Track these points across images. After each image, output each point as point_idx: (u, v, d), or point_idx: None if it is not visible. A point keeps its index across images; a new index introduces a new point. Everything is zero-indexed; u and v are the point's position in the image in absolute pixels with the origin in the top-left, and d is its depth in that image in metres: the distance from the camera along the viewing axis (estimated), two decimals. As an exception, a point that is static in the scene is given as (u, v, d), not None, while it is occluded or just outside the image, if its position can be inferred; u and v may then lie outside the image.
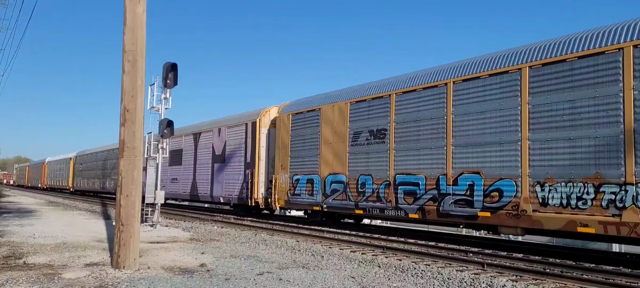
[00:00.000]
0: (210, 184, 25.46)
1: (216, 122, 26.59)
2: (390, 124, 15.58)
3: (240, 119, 23.80)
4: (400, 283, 8.53)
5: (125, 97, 9.08)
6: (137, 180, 9.04)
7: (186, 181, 28.44)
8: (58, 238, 13.08)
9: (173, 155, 29.51)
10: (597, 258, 11.33)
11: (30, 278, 7.96)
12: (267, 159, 21.90)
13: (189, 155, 28.47)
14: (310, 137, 18.86)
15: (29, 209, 25.67)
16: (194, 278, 8.34)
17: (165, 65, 17.36)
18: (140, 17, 9.21)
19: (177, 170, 29.66)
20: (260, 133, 21.99)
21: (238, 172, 23.09)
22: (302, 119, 19.50)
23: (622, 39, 10.57)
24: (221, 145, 24.82)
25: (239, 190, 22.85)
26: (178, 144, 29.63)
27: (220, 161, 24.77)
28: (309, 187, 18.57)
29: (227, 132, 24.48)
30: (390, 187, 15.25)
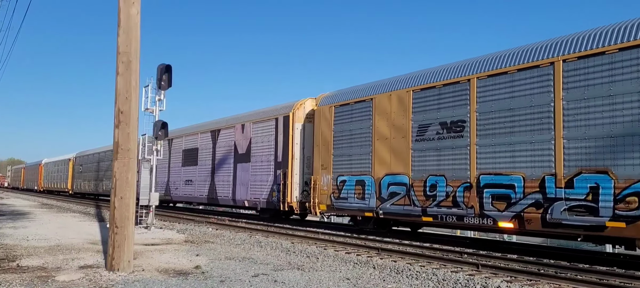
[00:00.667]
0: (232, 186, 23.37)
1: (239, 117, 24.26)
2: (471, 115, 13.15)
3: (269, 113, 21.55)
4: (395, 285, 8.54)
5: (119, 99, 9.05)
6: (131, 182, 9.01)
7: (203, 183, 26.13)
8: (52, 241, 13.01)
9: (187, 155, 27.84)
10: (591, 259, 11.39)
11: (24, 280, 7.91)
12: (301, 158, 19.72)
13: (206, 155, 26.15)
14: (360, 132, 16.58)
15: (22, 211, 25.52)
16: (188, 280, 8.32)
17: (159, 67, 17.30)
18: (134, 19, 9.18)
19: (192, 171, 27.39)
20: (293, 129, 19.78)
21: (267, 172, 21.04)
22: (349, 112, 17.17)
23: None
24: (245, 143, 22.75)
25: (268, 193, 20.83)
26: (193, 142, 27.57)
27: (244, 160, 22.71)
28: (359, 190, 16.29)
29: (253, 128, 22.31)
30: (471, 190, 12.83)
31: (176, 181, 29.03)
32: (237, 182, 22.97)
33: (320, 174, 18.09)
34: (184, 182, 27.88)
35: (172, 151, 29.71)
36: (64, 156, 56.54)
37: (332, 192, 17.41)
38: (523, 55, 12.30)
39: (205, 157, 26.12)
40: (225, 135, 24.53)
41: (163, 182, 30.30)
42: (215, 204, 26.97)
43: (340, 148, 17.34)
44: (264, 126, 21.65)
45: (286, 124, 20.14)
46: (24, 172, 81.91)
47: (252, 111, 23.60)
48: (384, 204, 15.39)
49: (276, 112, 21.10)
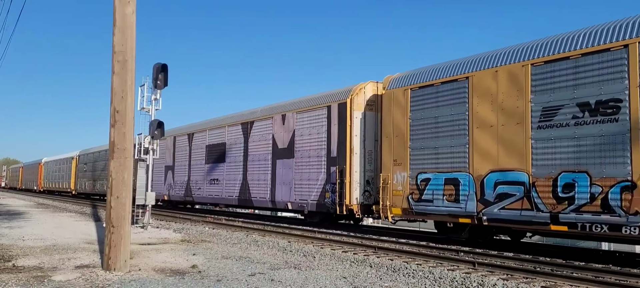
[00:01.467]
0: (270, 186, 20.65)
1: (278, 106, 21.38)
2: (631, 91, 10.23)
3: (320, 101, 18.86)
4: (392, 283, 8.55)
5: (115, 98, 9.04)
6: (127, 182, 9.00)
7: (232, 182, 23.34)
8: (48, 241, 12.99)
9: (212, 151, 25.15)
10: (586, 257, 11.43)
11: (20, 280, 7.89)
12: (362, 153, 17.06)
13: (236, 150, 23.37)
14: (450, 118, 13.63)
15: (18, 211, 25.45)
16: (185, 279, 8.32)
17: (155, 66, 17.30)
18: (129, 18, 9.17)
19: (219, 169, 24.49)
20: (351, 118, 17.16)
21: (316, 170, 18.32)
22: (433, 94, 14.16)
23: None
24: (287, 136, 20.01)
25: (319, 193, 18.07)
26: (219, 136, 24.82)
27: (285, 156, 19.98)
28: (451, 190, 13.35)
29: (298, 118, 19.55)
30: (635, 190, 10.00)
31: (198, 180, 26.46)
32: (278, 182, 20.23)
33: (391, 171, 15.10)
34: (208, 182, 25.22)
35: (193, 147, 27.38)
36: (67, 154, 53.59)
37: (409, 193, 14.49)
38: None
39: (235, 153, 23.45)
40: (260, 127, 21.84)
41: (182, 182, 28.30)
42: (248, 206, 24.11)
43: (421, 140, 14.36)
44: (312, 116, 18.90)
45: (342, 112, 17.42)
46: (22, 171, 78.82)
47: (295, 99, 20.80)
48: (489, 208, 12.45)
49: (329, 99, 18.35)
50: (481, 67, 13.17)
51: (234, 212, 30.16)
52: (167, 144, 30.26)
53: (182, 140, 28.88)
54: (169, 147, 30.10)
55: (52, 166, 58.57)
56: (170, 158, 29.95)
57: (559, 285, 8.56)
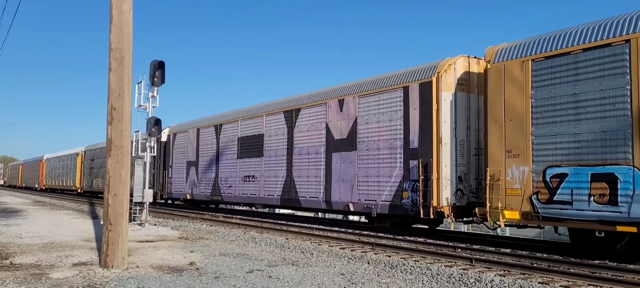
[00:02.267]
0: (324, 184, 17.76)
1: (333, 90, 18.40)
2: None
3: (392, 81, 15.75)
4: (389, 280, 8.58)
5: (112, 96, 9.03)
6: (124, 179, 9.00)
7: (273, 180, 20.39)
8: (45, 238, 12.98)
9: (246, 144, 22.23)
10: (583, 253, 11.48)
11: (18, 278, 7.89)
12: (453, 143, 14.08)
13: (277, 142, 20.42)
14: (599, 96, 10.55)
15: (15, 209, 25.42)
16: (183, 276, 8.32)
17: (152, 63, 17.27)
18: (126, 15, 9.15)
19: (255, 165, 21.63)
20: (438, 100, 14.15)
21: (389, 164, 15.35)
22: (569, 66, 11.11)
23: None
24: (346, 125, 16.99)
25: (393, 192, 15.08)
26: (255, 126, 21.92)
27: (345, 148, 16.98)
28: (602, 189, 10.32)
29: (361, 103, 16.56)
30: None
31: (229, 177, 23.50)
32: (334, 179, 17.26)
33: (503, 165, 12.24)
34: (241, 179, 22.23)
35: (222, 140, 24.42)
36: (71, 150, 50.36)
37: (533, 193, 11.51)
38: None
39: (275, 146, 20.47)
40: (309, 115, 18.88)
41: (209, 179, 25.30)
42: (293, 207, 20.86)
43: (551, 124, 11.36)
44: (381, 100, 15.88)
45: (426, 93, 14.37)
46: (22, 168, 75.23)
47: (355, 82, 17.76)
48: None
49: (405, 79, 15.28)
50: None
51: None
52: (189, 137, 27.52)
53: (207, 133, 25.93)
54: (191, 140, 27.35)
55: (54, 163, 55.39)
56: (193, 153, 26.99)
57: (555, 281, 8.60)
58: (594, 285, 8.27)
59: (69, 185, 49.20)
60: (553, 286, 8.10)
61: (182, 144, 28.47)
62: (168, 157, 29.79)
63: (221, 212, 25.64)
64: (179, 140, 28.78)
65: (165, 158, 30.13)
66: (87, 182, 43.87)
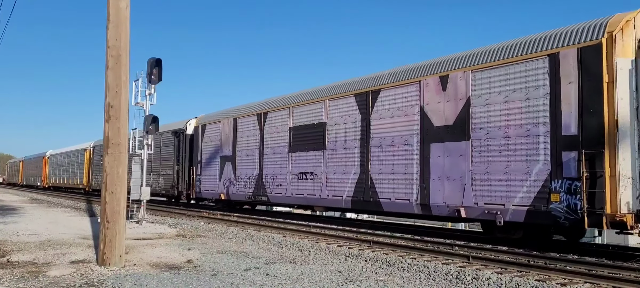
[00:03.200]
0: (418, 183, 14.28)
1: (430, 65, 14.72)
2: None
3: (529, 47, 12.19)
4: (386, 277, 8.59)
5: (109, 93, 9.01)
6: (122, 177, 8.99)
7: (340, 178, 16.85)
8: (42, 236, 12.95)
9: (301, 134, 18.74)
10: (580, 250, 11.51)
11: (15, 276, 7.88)
12: (635, 128, 10.44)
13: (346, 132, 16.85)
14: None
15: (12, 207, 25.36)
16: (180, 274, 8.32)
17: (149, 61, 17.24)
18: (123, 12, 9.13)
19: (314, 159, 18.04)
20: (612, 70, 10.62)
21: (523, 157, 11.99)
22: None
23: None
24: (453, 107, 13.59)
25: (532, 194, 11.70)
26: (313, 114, 18.35)
27: (450, 137, 13.58)
28: None
29: (476, 79, 13.16)
30: None
31: (277, 175, 19.96)
32: (433, 176, 13.93)
33: None
34: (294, 176, 18.84)
35: (267, 130, 20.84)
36: (78, 145, 46.53)
37: None
38: None
39: (343, 136, 16.95)
40: (393, 98, 15.47)
41: (250, 177, 21.57)
42: (370, 211, 17.30)
43: None
44: (510, 73, 12.45)
45: (590, 61, 10.91)
46: (22, 166, 71.05)
47: (466, 52, 14.06)
48: None
49: (553, 43, 11.78)
50: None
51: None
52: (224, 128, 23.66)
53: (247, 123, 22.21)
54: (226, 132, 23.57)
55: (59, 159, 51.44)
56: (228, 147, 23.25)
57: (552, 278, 8.62)
58: (590, 283, 8.30)
59: (74, 183, 45.97)
60: (550, 284, 8.12)
61: (214, 137, 24.61)
62: (196, 151, 25.86)
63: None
64: (210, 132, 24.95)
65: (193, 154, 26.29)
66: (96, 179, 40.21)
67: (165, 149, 29.23)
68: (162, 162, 29.53)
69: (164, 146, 29.32)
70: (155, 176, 29.79)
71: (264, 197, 20.72)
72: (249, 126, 22.15)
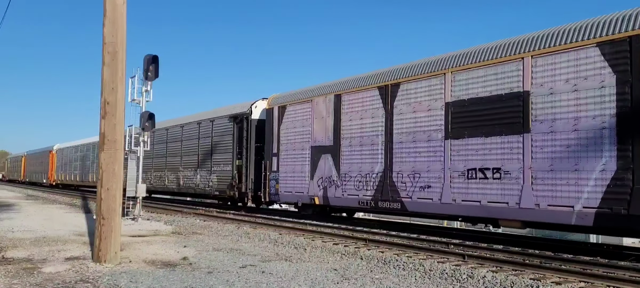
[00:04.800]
0: None
1: None
2: None
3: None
4: (382, 275, 8.60)
5: (106, 90, 8.99)
6: (118, 174, 8.97)
7: (564, 177, 10.97)
8: (37, 232, 12.92)
9: (467, 112, 13.22)
10: (575, 249, 11.55)
11: (9, 272, 7.86)
12: None
13: (577, 104, 10.98)
14: None
15: (7, 203, 25.28)
16: (176, 271, 8.31)
17: (146, 58, 17.16)
18: (120, 8, 9.10)
19: (501, 148, 12.28)
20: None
21: None
22: None
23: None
24: None
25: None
26: (495, 80, 12.60)
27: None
28: None
29: None
30: None
31: (422, 172, 14.20)
32: None
33: None
34: (458, 174, 13.21)
35: (399, 110, 15.05)
36: (91, 139, 40.56)
37: None
38: None
39: (567, 110, 11.17)
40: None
41: (367, 174, 15.91)
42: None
43: None
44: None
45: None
46: (25, 161, 65.41)
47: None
48: None
49: None
50: None
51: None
52: (317, 109, 17.93)
53: (361, 100, 16.36)
54: (321, 114, 17.79)
55: (69, 154, 45.67)
56: (326, 134, 17.50)
57: (547, 277, 8.65)
58: (585, 282, 8.33)
59: (89, 180, 39.96)
60: (545, 282, 8.14)
61: (299, 121, 18.87)
62: (270, 141, 20.18)
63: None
64: (293, 115, 19.20)
65: (266, 144, 20.53)
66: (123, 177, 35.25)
67: (219, 139, 23.41)
68: (213, 155, 23.63)
69: (217, 135, 23.60)
70: (204, 173, 24.32)
71: (395, 204, 15.00)
72: (364, 104, 16.24)
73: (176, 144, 27.59)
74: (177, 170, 26.99)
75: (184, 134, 26.80)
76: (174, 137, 27.94)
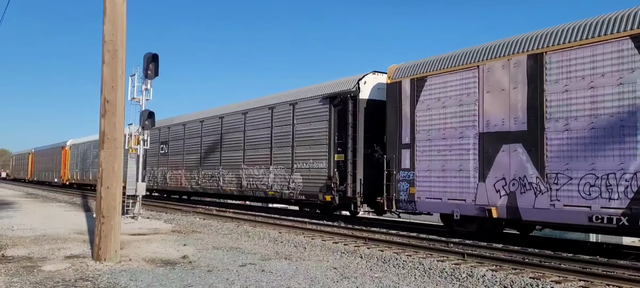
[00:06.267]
0: None
1: None
2: None
3: None
4: (382, 274, 8.61)
5: (105, 88, 8.99)
6: (117, 172, 8.97)
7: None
8: (37, 231, 12.92)
9: None
10: (574, 248, 11.55)
11: (10, 270, 7.86)
12: None
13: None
14: None
15: (7, 201, 25.29)
16: (176, 270, 8.32)
17: (146, 56, 17.18)
18: (120, 7, 9.10)
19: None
20: None
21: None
22: None
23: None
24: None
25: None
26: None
27: None
28: None
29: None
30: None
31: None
32: None
33: None
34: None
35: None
36: None
37: None
38: None
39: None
40: None
41: (624, 172, 10.08)
42: None
43: None
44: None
45: None
46: (32, 158, 61.31)
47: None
48: None
49: None
50: None
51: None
52: (490, 76, 12.69)
53: (591, 58, 10.87)
54: (500, 84, 12.46)
55: (86, 150, 41.40)
56: (506, 114, 12.27)
57: (547, 276, 8.66)
58: (585, 281, 8.34)
59: None
60: (544, 281, 8.15)
61: (451, 98, 13.52)
62: (396, 128, 14.74)
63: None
64: (440, 90, 13.87)
65: (389, 133, 15.03)
66: (154, 175, 29.27)
67: (305, 127, 18.41)
68: (295, 148, 18.71)
69: (302, 122, 18.58)
70: (281, 171, 19.36)
71: None
72: (596, 65, 10.79)
73: (236, 135, 22.53)
74: (238, 167, 21.97)
75: (248, 123, 21.78)
76: (232, 126, 22.90)
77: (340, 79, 17.89)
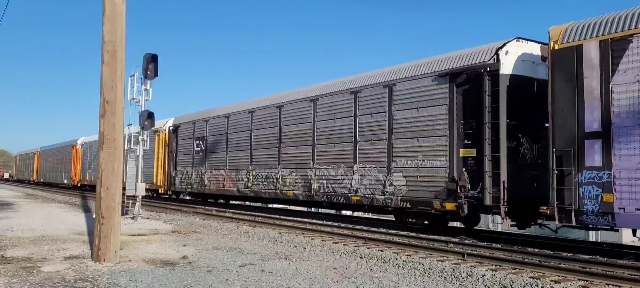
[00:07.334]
0: None
1: None
2: None
3: None
4: (382, 274, 8.60)
5: (105, 89, 8.98)
6: (117, 172, 8.97)
7: None
8: (37, 231, 12.91)
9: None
10: (574, 248, 11.55)
11: (9, 271, 7.85)
12: None
13: None
14: None
15: (6, 202, 25.27)
16: (175, 270, 8.31)
17: (145, 56, 17.17)
18: (119, 7, 9.10)
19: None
20: None
21: None
22: None
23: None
24: None
25: None
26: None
27: None
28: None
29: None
30: None
31: None
32: None
33: None
34: None
35: None
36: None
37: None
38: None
39: None
40: None
41: None
42: None
43: None
44: None
45: None
46: (38, 158, 57.44)
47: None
48: None
49: None
50: None
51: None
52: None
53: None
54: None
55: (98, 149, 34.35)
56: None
57: (546, 275, 8.66)
58: (584, 280, 8.34)
59: None
60: (544, 281, 8.15)
61: None
62: (571, 112, 10.62)
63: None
64: None
65: (558, 118, 10.86)
66: (185, 175, 25.78)
67: (407, 115, 14.60)
68: (393, 141, 14.92)
69: (402, 108, 14.78)
70: (372, 171, 15.53)
71: None
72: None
73: (302, 126, 18.55)
74: (306, 166, 18.09)
75: (320, 111, 17.85)
76: (294, 117, 19.09)
77: (463, 50, 13.93)
